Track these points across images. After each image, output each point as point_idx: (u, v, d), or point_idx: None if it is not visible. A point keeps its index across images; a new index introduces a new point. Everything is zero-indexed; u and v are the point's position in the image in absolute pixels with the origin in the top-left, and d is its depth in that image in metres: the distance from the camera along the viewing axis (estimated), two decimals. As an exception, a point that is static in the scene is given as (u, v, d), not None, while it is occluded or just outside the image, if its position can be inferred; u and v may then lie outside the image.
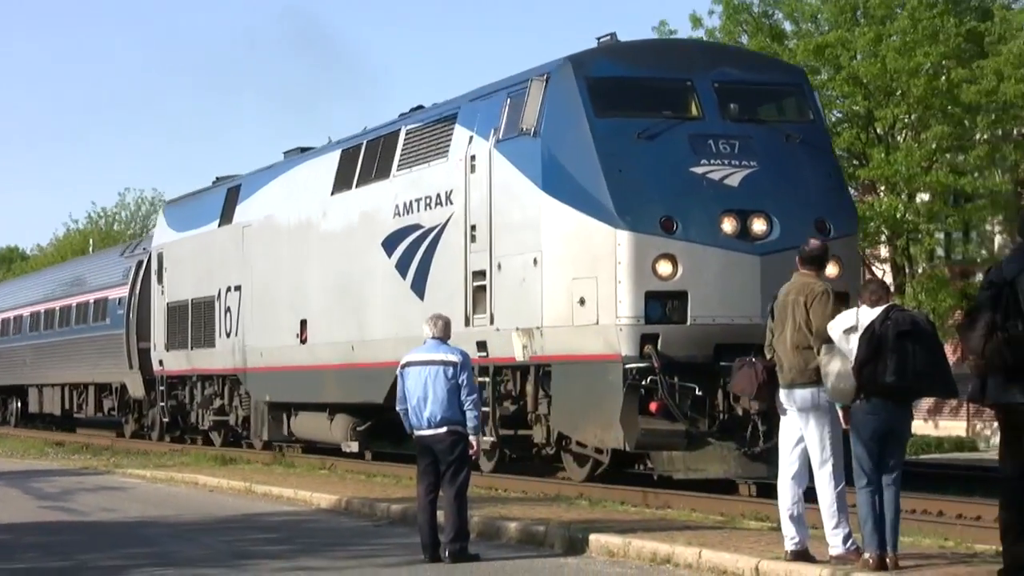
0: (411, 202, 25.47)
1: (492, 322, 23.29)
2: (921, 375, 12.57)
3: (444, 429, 15.18)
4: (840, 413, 13.13)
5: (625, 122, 22.32)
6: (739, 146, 22.20)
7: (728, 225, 21.14)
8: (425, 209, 24.73)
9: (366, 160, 27.88)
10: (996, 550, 12.65)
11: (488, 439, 23.20)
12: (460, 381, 15.13)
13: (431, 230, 24.49)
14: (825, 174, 23.14)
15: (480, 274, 23.02)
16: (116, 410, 46.00)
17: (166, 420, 39.64)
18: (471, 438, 15.35)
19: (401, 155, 26.31)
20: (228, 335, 33.44)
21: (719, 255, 21.10)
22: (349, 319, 27.22)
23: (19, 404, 59.20)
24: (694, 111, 22.80)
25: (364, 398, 27.86)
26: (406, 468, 24.18)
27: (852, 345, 12.80)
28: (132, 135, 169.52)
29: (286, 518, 20.44)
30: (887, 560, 12.71)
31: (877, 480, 12.90)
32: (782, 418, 13.84)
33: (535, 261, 22.28)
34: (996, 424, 13.94)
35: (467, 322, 22.86)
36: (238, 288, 33.31)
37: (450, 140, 24.44)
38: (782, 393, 13.63)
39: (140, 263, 42.57)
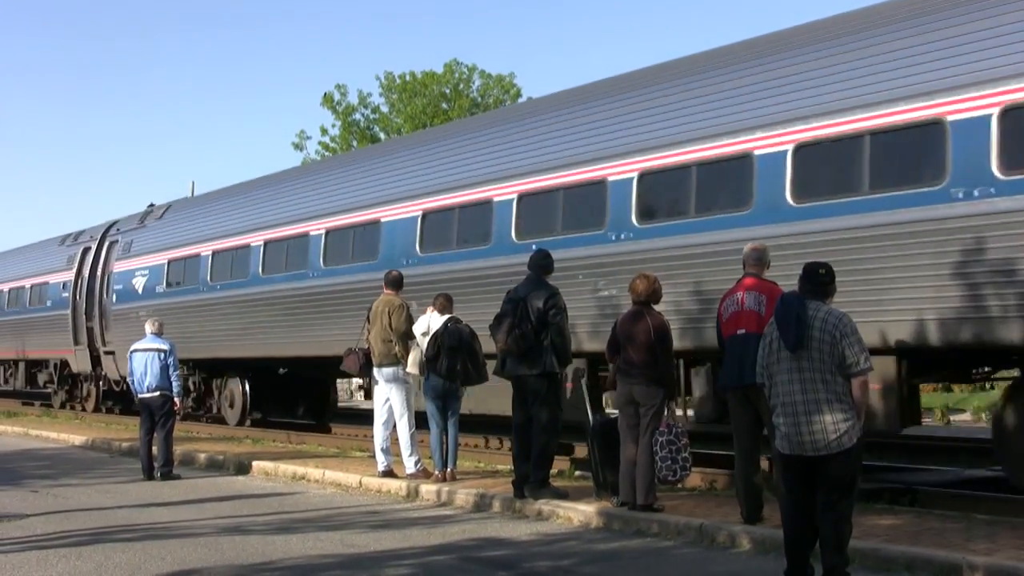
0: None
1: None
2: (465, 372, 12.88)
3: (157, 393, 15.18)
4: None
5: None
6: None
7: None
8: None
9: None
10: (509, 468, 12.98)
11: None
12: (168, 362, 15.12)
13: None
14: None
15: None
16: None
17: None
18: (175, 398, 15.25)
19: None
20: None
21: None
22: None
23: None
24: None
25: None
26: (131, 419, 23.13)
27: (424, 344, 13.21)
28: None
29: (51, 452, 19.52)
30: (447, 474, 13.11)
31: (443, 423, 13.19)
32: (375, 386, 13.99)
33: None
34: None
35: None
36: None
37: None
38: (375, 370, 13.82)
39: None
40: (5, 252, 37.81)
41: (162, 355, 15.15)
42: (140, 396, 15.26)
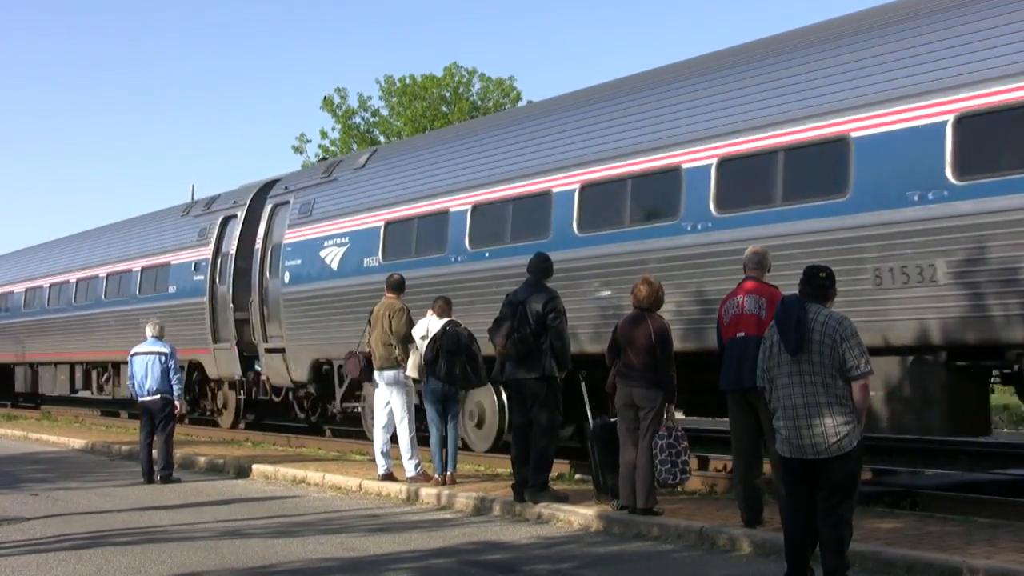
0: None
1: None
2: (464, 375, 12.88)
3: (158, 396, 15.23)
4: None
5: None
6: None
7: None
8: None
9: None
10: (508, 472, 12.94)
11: None
12: (169, 365, 15.15)
13: None
14: None
15: None
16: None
17: None
18: (176, 401, 15.26)
19: None
20: None
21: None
22: None
23: None
24: None
25: None
26: (132, 422, 23.16)
27: (423, 347, 13.19)
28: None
29: (51, 455, 19.51)
30: (447, 478, 13.09)
31: (443, 426, 13.17)
32: (376, 388, 13.97)
33: None
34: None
35: None
36: None
37: None
38: (376, 373, 13.81)
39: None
40: (99, 229, 31.14)
41: (163, 358, 15.21)
42: (141, 399, 15.30)
